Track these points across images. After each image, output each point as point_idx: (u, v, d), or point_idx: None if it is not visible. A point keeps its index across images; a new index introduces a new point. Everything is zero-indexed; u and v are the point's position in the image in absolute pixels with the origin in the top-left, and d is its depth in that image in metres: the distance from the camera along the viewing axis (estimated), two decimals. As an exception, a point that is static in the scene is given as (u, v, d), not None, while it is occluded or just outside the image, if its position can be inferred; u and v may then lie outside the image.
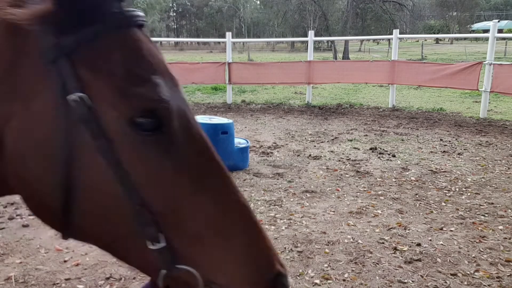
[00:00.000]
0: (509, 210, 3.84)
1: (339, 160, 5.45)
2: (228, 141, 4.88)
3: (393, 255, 3.05)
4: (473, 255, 3.04)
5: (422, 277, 2.76)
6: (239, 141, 5.12)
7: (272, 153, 5.80)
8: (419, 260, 2.97)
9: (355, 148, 6.06)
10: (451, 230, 3.45)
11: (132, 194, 0.68)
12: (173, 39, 51.12)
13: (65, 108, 0.68)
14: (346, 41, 31.36)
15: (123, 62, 0.70)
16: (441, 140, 6.53)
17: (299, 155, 5.69)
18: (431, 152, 5.85)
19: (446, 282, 2.70)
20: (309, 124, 7.89)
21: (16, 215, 3.72)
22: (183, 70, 10.12)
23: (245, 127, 7.56)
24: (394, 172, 4.97)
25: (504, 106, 9.63)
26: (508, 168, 5.08)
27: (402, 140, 6.56)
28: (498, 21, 8.61)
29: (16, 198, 4.13)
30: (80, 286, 2.67)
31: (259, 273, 0.74)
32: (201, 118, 5.02)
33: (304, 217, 3.69)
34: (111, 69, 0.70)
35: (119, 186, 0.68)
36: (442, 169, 5.07)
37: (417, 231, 3.43)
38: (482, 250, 3.12)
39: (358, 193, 4.29)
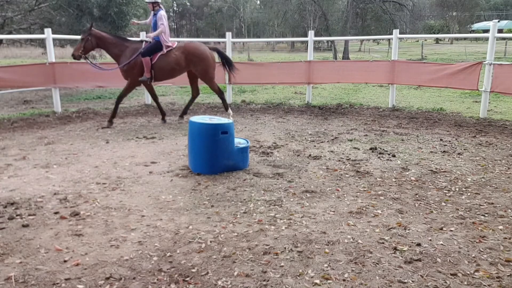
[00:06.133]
0: (509, 210, 3.85)
1: (339, 160, 5.45)
2: (228, 141, 4.88)
3: (393, 255, 3.05)
4: (473, 255, 3.04)
5: (422, 277, 2.76)
6: (239, 141, 5.12)
7: (272, 153, 5.80)
8: (419, 260, 2.97)
9: (355, 148, 6.06)
10: (451, 230, 3.45)
11: None
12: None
13: None
14: (346, 41, 31.38)
15: None
16: (441, 140, 6.53)
17: (299, 155, 5.69)
18: (431, 152, 5.85)
19: (446, 282, 2.70)
20: (309, 124, 7.89)
21: (16, 215, 3.72)
22: (183, 70, 10.11)
23: (245, 127, 7.57)
24: (394, 172, 4.97)
25: (504, 106, 9.63)
26: (508, 168, 5.09)
27: (402, 140, 6.56)
28: (498, 21, 8.61)
29: (16, 198, 4.13)
30: (80, 286, 2.66)
31: None
32: (201, 118, 5.02)
33: (304, 217, 3.69)
34: None
35: None
36: (442, 169, 5.07)
37: (417, 231, 3.44)
38: (482, 250, 3.12)
39: (358, 193, 4.29)
